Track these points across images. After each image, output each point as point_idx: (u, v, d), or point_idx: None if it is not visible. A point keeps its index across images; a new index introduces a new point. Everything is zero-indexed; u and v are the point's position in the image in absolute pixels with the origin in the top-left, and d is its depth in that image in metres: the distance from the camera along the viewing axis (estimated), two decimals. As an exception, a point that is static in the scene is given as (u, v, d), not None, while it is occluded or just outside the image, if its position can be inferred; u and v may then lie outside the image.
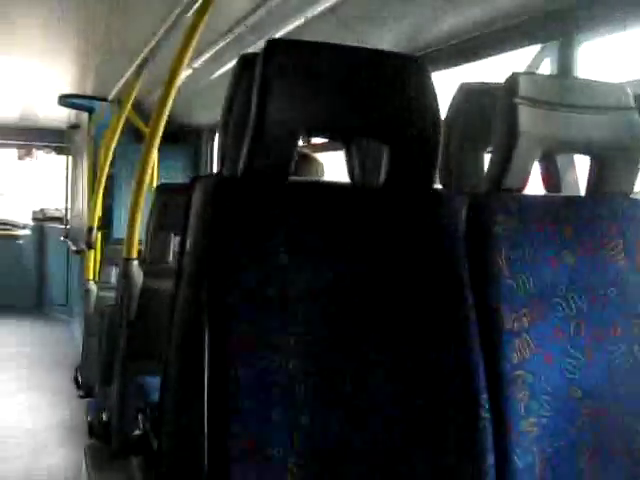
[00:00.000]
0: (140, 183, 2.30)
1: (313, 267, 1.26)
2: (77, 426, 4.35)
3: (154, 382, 2.07)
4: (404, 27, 2.46)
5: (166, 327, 1.49)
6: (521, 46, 2.26)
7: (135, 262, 2.26)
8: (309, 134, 1.30)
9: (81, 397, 4.28)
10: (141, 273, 2.26)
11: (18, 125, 7.91)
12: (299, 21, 2.51)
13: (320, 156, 2.56)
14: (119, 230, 5.22)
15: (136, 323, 2.28)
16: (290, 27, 2.58)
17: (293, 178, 1.30)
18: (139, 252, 2.31)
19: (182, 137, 4.68)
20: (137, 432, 1.79)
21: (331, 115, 1.28)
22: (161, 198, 2.31)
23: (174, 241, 2.38)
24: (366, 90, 1.31)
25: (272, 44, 1.24)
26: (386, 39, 2.54)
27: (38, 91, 5.65)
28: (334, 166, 2.49)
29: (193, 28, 2.21)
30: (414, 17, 2.36)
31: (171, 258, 2.36)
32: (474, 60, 2.51)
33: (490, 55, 2.45)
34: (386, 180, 1.38)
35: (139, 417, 1.84)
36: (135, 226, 2.29)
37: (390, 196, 1.36)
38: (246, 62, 1.39)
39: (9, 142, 8.39)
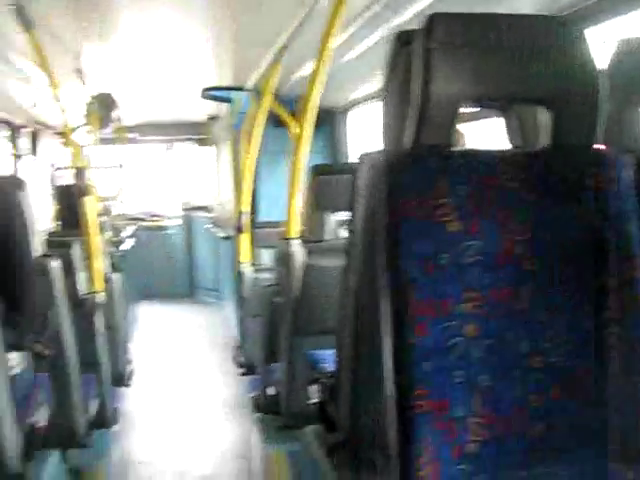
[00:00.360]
0: (296, 164, 2.39)
1: (484, 233, 1.29)
2: (241, 402, 4.60)
3: (321, 355, 2.17)
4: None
5: (339, 300, 1.57)
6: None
7: (297, 241, 2.36)
8: (471, 104, 1.32)
9: (242, 375, 4.51)
10: (303, 251, 2.36)
11: (161, 121, 8.34)
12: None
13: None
14: (264, 213, 5.41)
15: (300, 300, 2.38)
16: (426, 2, 2.59)
17: (457, 148, 1.33)
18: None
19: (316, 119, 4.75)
20: (312, 401, 1.89)
21: (493, 84, 1.30)
22: (316, 178, 2.40)
23: (330, 219, 2.47)
24: (525, 56, 1.31)
25: (432, 18, 1.27)
26: (525, 1, 2.50)
27: (178, 86, 5.92)
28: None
29: (335, 13, 2.26)
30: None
31: (327, 235, 2.44)
32: (621, 15, 2.42)
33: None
34: (548, 143, 1.38)
35: (311, 388, 1.94)
36: (294, 206, 2.39)
37: (554, 159, 1.37)
38: (401, 39, 1.43)
39: (153, 138, 8.84)
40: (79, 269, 3.05)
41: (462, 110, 1.31)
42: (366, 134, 5.23)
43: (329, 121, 5.29)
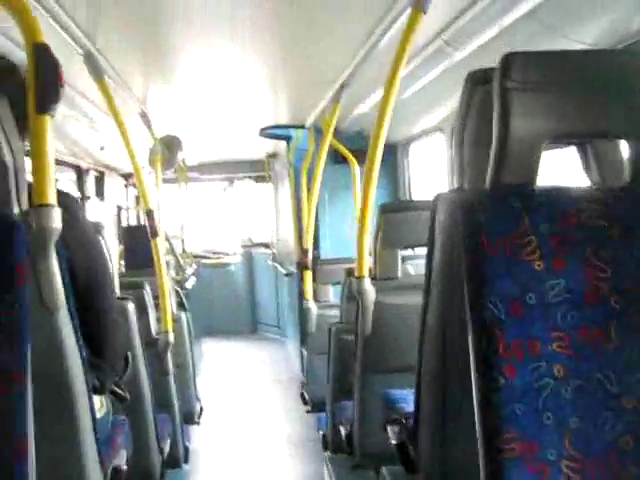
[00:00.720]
0: (365, 202, 2.40)
1: (568, 271, 1.27)
2: (307, 439, 4.58)
3: (396, 394, 2.15)
4: (604, 22, 2.40)
5: (418, 338, 1.56)
6: None
7: (367, 279, 2.36)
8: (552, 142, 1.31)
9: (308, 412, 4.50)
10: (374, 289, 2.36)
11: (220, 159, 8.50)
12: (494, 30, 2.52)
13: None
14: (326, 250, 5.43)
15: (372, 338, 2.38)
16: (487, 37, 2.60)
17: (538, 186, 1.32)
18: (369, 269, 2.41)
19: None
20: (389, 441, 1.87)
21: (572, 121, 1.30)
22: (385, 216, 2.40)
23: (400, 257, 2.47)
24: (601, 91, 1.31)
25: (508, 58, 1.27)
26: (587, 35, 2.48)
27: (237, 126, 6.04)
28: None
29: (402, 50, 2.28)
30: (614, 11, 2.29)
31: (399, 274, 2.44)
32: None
33: None
34: (630, 178, 1.36)
35: (390, 428, 1.92)
36: (364, 245, 2.39)
37: (636, 194, 1.34)
38: (476, 78, 1.43)
39: (213, 177, 9.00)
40: (151, 310, 3.10)
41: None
42: (427, 167, 5.23)
43: (391, 155, 5.31)
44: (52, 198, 1.38)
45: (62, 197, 1.46)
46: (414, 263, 3.05)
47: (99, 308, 1.71)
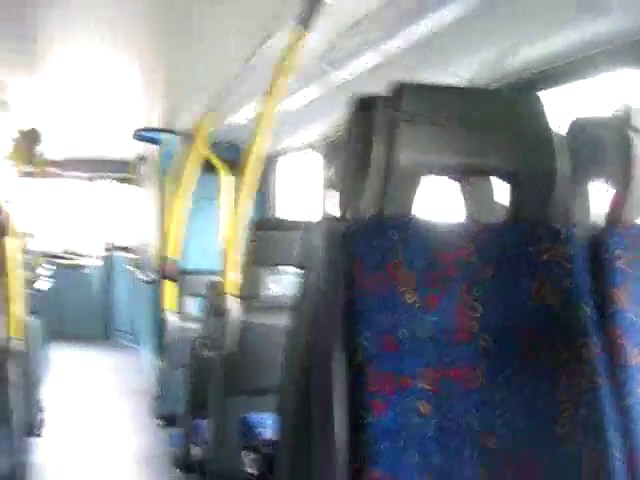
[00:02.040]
0: (236, 215, 2.33)
1: (441, 307, 1.26)
2: (158, 455, 4.41)
3: (255, 419, 2.09)
4: (480, 59, 2.47)
5: (283, 362, 1.51)
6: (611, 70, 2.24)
7: (232, 297, 2.29)
8: (431, 174, 1.31)
9: (158, 425, 4.34)
10: (239, 307, 2.29)
11: (85, 157, 8.14)
12: (376, 56, 2.54)
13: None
14: (191, 260, 5.29)
15: (234, 357, 2.30)
16: (368, 62, 2.61)
17: (416, 218, 1.31)
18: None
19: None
20: (250, 470, 1.80)
21: (455, 156, 1.30)
22: (257, 233, 2.34)
23: (266, 275, 2.41)
24: (486, 129, 1.32)
25: (399, 88, 1.26)
26: (466, 71, 2.55)
27: (105, 124, 5.81)
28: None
29: (283, 64, 2.24)
30: (488, 50, 2.36)
31: (264, 292, 2.38)
32: (554, 86, 2.50)
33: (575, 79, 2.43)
34: (506, 215, 1.38)
35: (245, 455, 1.85)
36: (231, 259, 2.32)
37: (511, 232, 1.36)
38: (359, 104, 1.40)
39: (77, 174, 8.61)
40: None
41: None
42: (293, 182, 5.24)
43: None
44: None
45: None
46: (276, 279, 3.01)
47: None
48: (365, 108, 1.37)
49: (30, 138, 4.82)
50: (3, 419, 2.83)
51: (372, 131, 1.29)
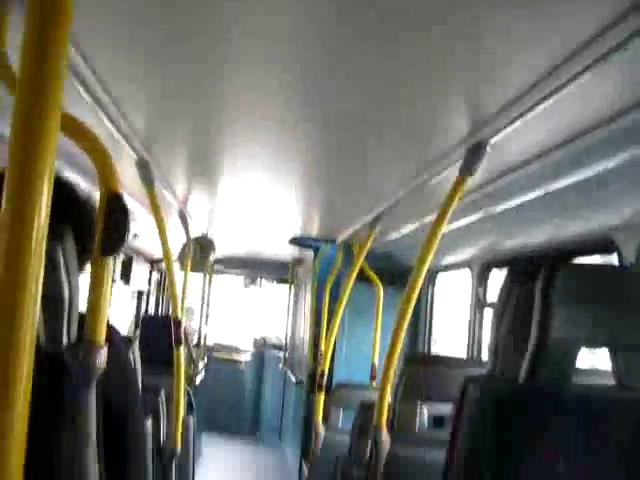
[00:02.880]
0: (394, 345, 2.37)
1: (588, 475, 1.28)
2: None
3: None
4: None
5: None
6: None
7: (385, 431, 2.34)
8: (587, 347, 1.36)
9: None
10: (389, 440, 2.34)
11: (246, 257, 8.60)
12: (535, 194, 2.60)
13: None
14: (342, 372, 5.38)
15: (382, 487, 2.35)
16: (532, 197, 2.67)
17: (572, 387, 1.34)
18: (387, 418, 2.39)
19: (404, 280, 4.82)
20: None
21: (607, 330, 1.34)
22: (410, 367, 2.41)
23: (421, 411, 2.45)
24: (636, 307, 1.36)
25: (551, 268, 1.33)
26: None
27: (267, 233, 6.15)
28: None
29: (447, 203, 2.33)
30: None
31: (417, 428, 2.42)
32: None
33: None
34: None
35: None
36: (386, 393, 2.37)
37: None
38: (516, 275, 1.48)
39: (237, 270, 9.09)
40: (162, 417, 3.09)
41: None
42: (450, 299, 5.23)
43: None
44: (102, 337, 1.42)
45: (109, 332, 1.49)
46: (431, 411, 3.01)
47: (127, 435, 1.71)
48: (520, 281, 1.44)
49: (205, 246, 5.19)
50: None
51: (525, 299, 1.36)
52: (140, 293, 7.50)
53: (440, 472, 1.55)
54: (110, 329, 1.48)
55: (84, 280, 1.48)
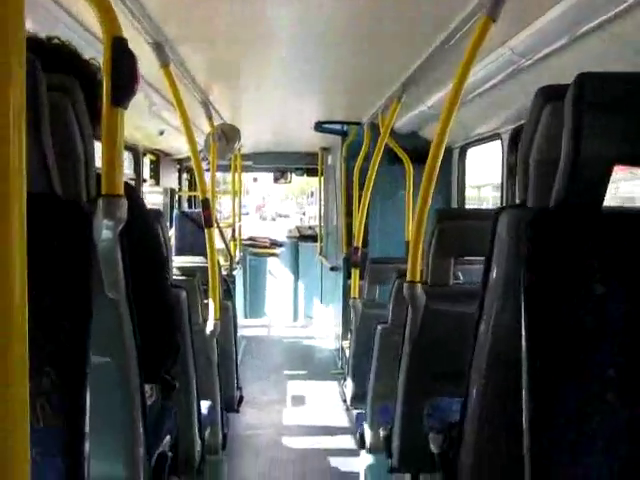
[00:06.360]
0: (423, 207, 2.37)
1: (630, 297, 1.25)
2: (344, 434, 4.61)
3: (441, 402, 2.15)
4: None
5: (470, 347, 1.56)
6: None
7: (419, 285, 2.35)
8: (621, 164, 1.30)
9: (347, 409, 4.53)
10: (424, 295, 2.35)
11: (273, 150, 8.57)
12: (563, 42, 2.48)
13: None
14: (375, 249, 5.42)
15: (421, 344, 2.37)
16: (556, 47, 2.56)
17: (606, 207, 1.30)
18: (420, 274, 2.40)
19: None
20: (435, 450, 1.87)
21: None
22: (440, 223, 2.39)
23: (455, 269, 2.45)
24: None
25: (582, 78, 1.26)
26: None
27: (292, 119, 6.08)
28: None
29: (470, 54, 2.24)
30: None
31: (451, 282, 2.42)
32: None
33: None
34: None
35: (432, 437, 1.92)
36: (418, 250, 2.37)
37: None
38: (546, 94, 1.41)
39: (266, 166, 9.08)
40: (200, 298, 3.14)
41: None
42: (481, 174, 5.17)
43: (445, 159, 5.24)
44: (121, 189, 1.41)
45: (126, 188, 1.49)
46: (464, 269, 3.03)
47: (157, 298, 1.74)
48: (550, 98, 1.38)
49: (230, 135, 5.15)
50: (208, 393, 3.10)
51: (558, 122, 1.30)
52: (172, 191, 7.54)
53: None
54: (125, 185, 1.47)
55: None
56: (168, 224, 6.25)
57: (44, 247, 1.17)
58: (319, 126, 6.03)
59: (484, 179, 6.51)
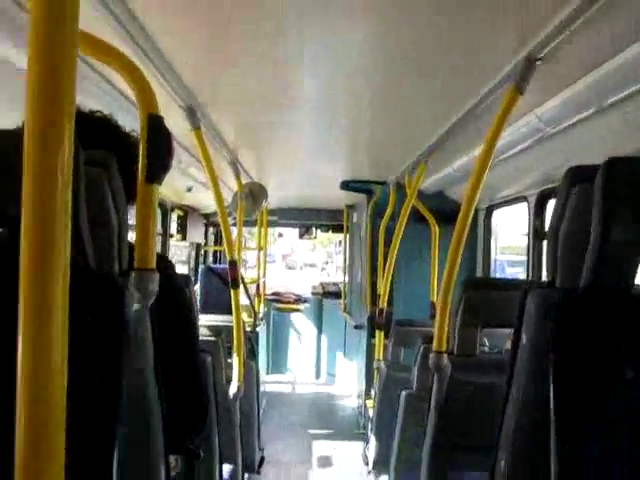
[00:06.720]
0: (450, 272, 2.36)
1: None
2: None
3: (468, 477, 2.11)
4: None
5: (497, 426, 1.54)
6: None
7: (445, 355, 2.33)
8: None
9: (368, 472, 4.44)
10: (450, 366, 2.33)
11: (299, 206, 8.63)
12: (589, 111, 2.50)
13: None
14: (400, 309, 5.40)
15: (445, 414, 2.34)
16: (582, 116, 2.58)
17: (633, 291, 1.30)
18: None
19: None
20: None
21: None
22: (468, 292, 2.38)
23: (480, 335, 2.43)
24: None
25: (612, 163, 1.26)
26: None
27: (319, 178, 6.14)
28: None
29: (498, 124, 2.27)
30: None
31: (477, 352, 2.40)
32: None
33: None
34: None
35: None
36: (445, 318, 2.36)
37: None
38: (575, 175, 1.42)
39: (291, 222, 9.13)
40: (224, 359, 3.14)
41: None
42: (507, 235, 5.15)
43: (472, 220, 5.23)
44: (153, 263, 1.43)
45: (158, 259, 1.50)
46: (489, 333, 3.00)
47: (187, 367, 1.74)
48: (579, 180, 1.38)
49: (257, 193, 5.21)
50: (230, 457, 3.07)
51: (588, 203, 1.30)
52: (198, 246, 7.60)
53: (503, 395, 1.53)
54: (161, 259, 1.49)
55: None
56: (193, 279, 6.29)
57: (77, 322, 1.18)
58: (345, 185, 6.08)
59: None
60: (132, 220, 1.50)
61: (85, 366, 1.18)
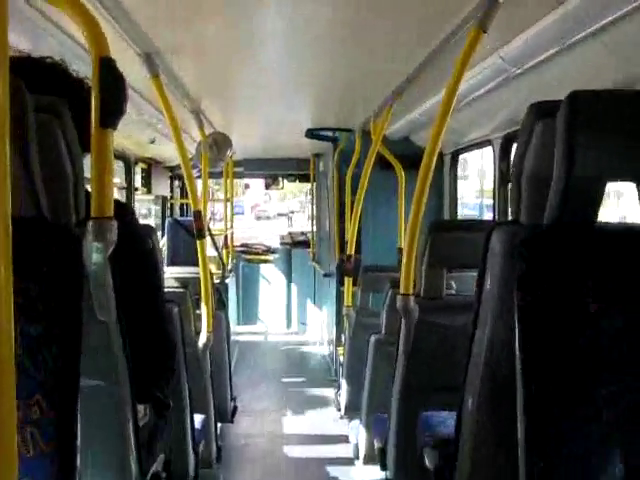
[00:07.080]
0: (416, 218, 2.35)
1: (623, 315, 1.24)
2: (338, 444, 4.59)
3: (435, 416, 2.14)
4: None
5: (464, 364, 1.55)
6: None
7: (412, 297, 2.34)
8: (613, 181, 1.29)
9: (341, 418, 4.51)
10: (417, 308, 2.34)
11: (265, 156, 8.56)
12: (554, 50, 2.48)
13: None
14: (368, 257, 5.40)
15: (414, 356, 2.36)
16: (547, 55, 2.56)
17: (597, 225, 1.30)
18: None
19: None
20: (428, 465, 1.86)
21: (634, 160, 1.27)
22: (433, 235, 2.38)
23: (447, 278, 2.45)
24: None
25: (576, 96, 1.25)
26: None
27: (284, 126, 6.07)
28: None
29: (461, 64, 2.24)
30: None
31: (444, 293, 2.42)
32: None
33: None
34: None
35: (426, 452, 1.91)
36: (411, 262, 2.36)
37: None
38: (539, 111, 1.41)
39: (258, 172, 9.06)
40: (192, 310, 3.13)
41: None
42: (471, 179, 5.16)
43: (437, 166, 5.23)
44: (110, 211, 1.39)
45: (117, 207, 1.47)
46: (457, 276, 3.01)
47: (152, 319, 1.72)
48: (543, 115, 1.37)
49: (222, 143, 5.14)
50: (202, 407, 3.08)
51: (550, 139, 1.29)
52: (164, 199, 7.51)
53: (469, 336, 1.54)
54: (116, 204, 1.45)
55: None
56: (160, 232, 6.24)
57: (33, 273, 1.15)
58: (310, 133, 6.01)
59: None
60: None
61: (43, 317, 1.15)
